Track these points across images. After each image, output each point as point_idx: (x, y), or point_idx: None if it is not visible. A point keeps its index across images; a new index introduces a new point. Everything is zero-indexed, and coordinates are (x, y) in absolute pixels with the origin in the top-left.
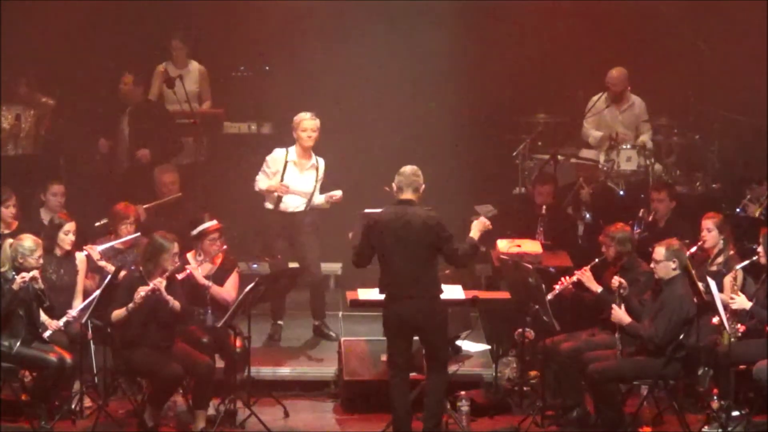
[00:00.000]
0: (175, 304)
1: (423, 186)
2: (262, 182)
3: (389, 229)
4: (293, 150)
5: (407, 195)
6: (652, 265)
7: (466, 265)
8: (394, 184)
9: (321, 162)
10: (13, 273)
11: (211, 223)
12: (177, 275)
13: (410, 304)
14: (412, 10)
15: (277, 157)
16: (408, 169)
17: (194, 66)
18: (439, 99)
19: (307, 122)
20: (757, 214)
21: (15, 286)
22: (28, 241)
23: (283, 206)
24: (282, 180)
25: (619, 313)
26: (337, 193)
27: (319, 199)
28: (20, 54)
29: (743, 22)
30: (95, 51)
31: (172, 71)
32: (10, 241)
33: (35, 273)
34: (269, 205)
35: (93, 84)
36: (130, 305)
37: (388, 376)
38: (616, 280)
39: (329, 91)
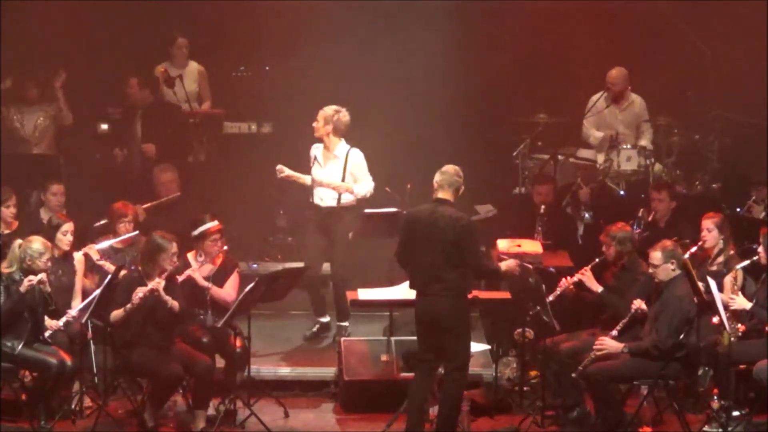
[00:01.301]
0: (174, 304)
1: (462, 188)
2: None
3: (419, 226)
4: (322, 144)
5: (444, 194)
6: (650, 270)
7: (481, 278)
8: (435, 182)
9: (353, 153)
10: (21, 275)
11: (212, 224)
12: (176, 277)
13: (433, 300)
14: (412, 10)
15: (311, 151)
16: (451, 168)
17: (193, 66)
18: (438, 99)
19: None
20: (762, 216)
21: (22, 289)
22: (37, 243)
23: (316, 200)
24: (311, 173)
25: (610, 344)
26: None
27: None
28: (21, 56)
29: (743, 22)
30: (95, 51)
31: (172, 71)
32: (19, 241)
33: (43, 276)
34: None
35: (93, 84)
36: (128, 306)
37: (413, 369)
38: (637, 303)
39: (329, 91)
